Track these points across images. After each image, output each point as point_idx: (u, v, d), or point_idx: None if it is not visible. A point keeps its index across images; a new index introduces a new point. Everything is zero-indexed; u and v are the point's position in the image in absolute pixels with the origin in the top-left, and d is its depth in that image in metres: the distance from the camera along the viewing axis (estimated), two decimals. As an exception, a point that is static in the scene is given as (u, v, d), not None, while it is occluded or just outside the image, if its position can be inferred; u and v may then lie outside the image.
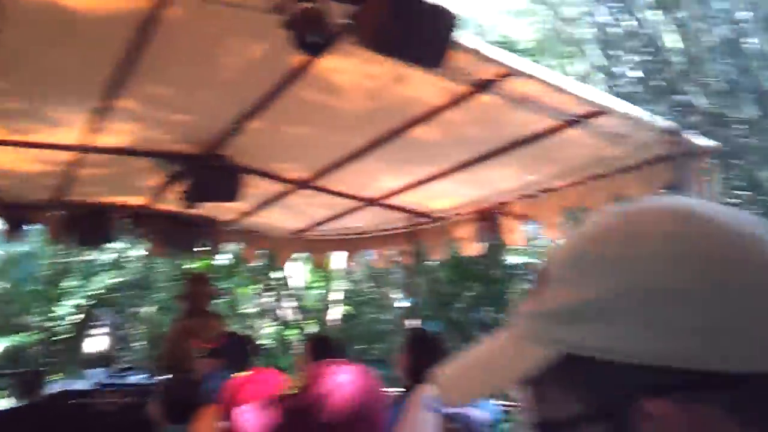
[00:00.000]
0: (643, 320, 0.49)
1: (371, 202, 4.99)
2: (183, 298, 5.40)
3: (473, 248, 5.11)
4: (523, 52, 11.17)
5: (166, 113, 3.75)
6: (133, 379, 5.56)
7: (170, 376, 4.42)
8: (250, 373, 2.39)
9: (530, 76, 2.97)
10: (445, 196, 4.74)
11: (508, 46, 11.21)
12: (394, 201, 4.94)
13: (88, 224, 5.10)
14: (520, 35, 11.47)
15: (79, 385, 5.32)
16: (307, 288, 12.49)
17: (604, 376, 0.51)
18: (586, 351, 0.51)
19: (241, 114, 3.65)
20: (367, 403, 1.55)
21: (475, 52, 2.81)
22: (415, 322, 5.62)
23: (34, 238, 10.98)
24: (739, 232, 0.51)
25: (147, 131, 3.94)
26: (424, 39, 2.58)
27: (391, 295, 5.67)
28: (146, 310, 14.06)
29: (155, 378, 4.95)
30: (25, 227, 4.98)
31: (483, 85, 3.07)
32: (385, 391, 1.93)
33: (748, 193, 7.57)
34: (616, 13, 9.22)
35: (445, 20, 2.60)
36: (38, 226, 5.34)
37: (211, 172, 4.19)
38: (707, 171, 3.33)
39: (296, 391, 1.58)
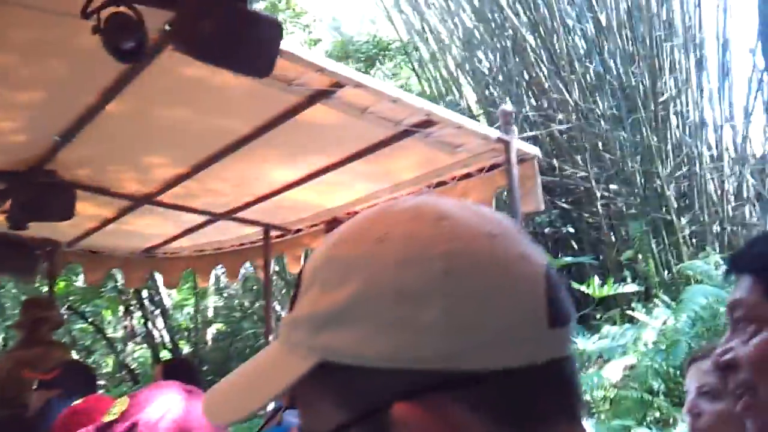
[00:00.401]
0: (383, 323, 0.49)
1: (220, 216, 4.86)
2: (19, 325, 4.99)
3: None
4: (389, 52, 11.41)
5: None
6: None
7: (2, 412, 4.08)
8: (81, 402, 2.22)
9: (363, 86, 3.02)
10: (294, 208, 4.72)
11: (375, 45, 11.42)
12: (245, 214, 4.85)
13: None
14: (387, 35, 11.65)
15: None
16: (177, 307, 12.02)
17: (358, 381, 0.50)
18: (337, 357, 0.50)
19: (68, 126, 3.45)
20: (186, 428, 1.46)
21: (305, 62, 2.81)
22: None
23: None
24: (478, 231, 0.52)
25: None
26: (250, 47, 2.54)
27: (275, 308, 5.53)
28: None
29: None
30: None
31: (315, 96, 3.07)
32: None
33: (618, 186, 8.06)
34: (478, 12, 9.49)
35: (271, 29, 2.58)
36: None
37: (38, 189, 3.90)
38: (531, 175, 3.53)
39: (113, 418, 1.46)
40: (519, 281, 0.51)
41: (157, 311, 11.50)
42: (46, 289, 7.80)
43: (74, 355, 10.89)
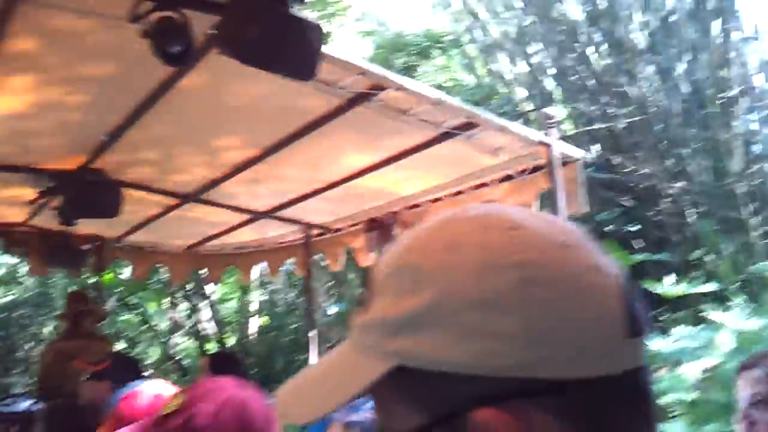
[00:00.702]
0: (462, 330, 0.50)
1: (262, 214, 4.94)
2: (63, 317, 5.17)
3: (368, 257, 5.16)
4: (441, 44, 11.30)
5: (34, 128, 3.60)
6: (22, 406, 5.31)
7: (54, 401, 4.23)
8: (139, 387, 2.25)
9: (404, 89, 3.03)
10: (335, 207, 4.76)
11: (427, 38, 11.34)
12: (286, 213, 4.91)
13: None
14: (440, 28, 11.53)
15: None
16: (222, 300, 12.17)
17: (436, 387, 0.51)
18: (416, 362, 0.51)
19: (116, 126, 3.54)
20: (253, 423, 1.49)
21: (347, 65, 2.84)
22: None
23: None
24: (551, 241, 0.53)
25: (15, 146, 3.77)
26: (294, 51, 2.58)
27: (318, 303, 5.61)
28: (45, 329, 13.34)
29: (39, 404, 4.73)
30: None
31: (356, 98, 3.10)
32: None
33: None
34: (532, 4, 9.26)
35: (314, 33, 2.62)
36: None
37: (87, 187, 4.02)
38: (574, 178, 3.49)
39: (173, 410, 1.50)
40: (594, 292, 0.51)
41: (203, 304, 11.66)
42: (93, 281, 8.04)
43: (120, 346, 11.18)
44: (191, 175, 4.31)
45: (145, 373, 3.87)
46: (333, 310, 9.67)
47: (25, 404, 5.31)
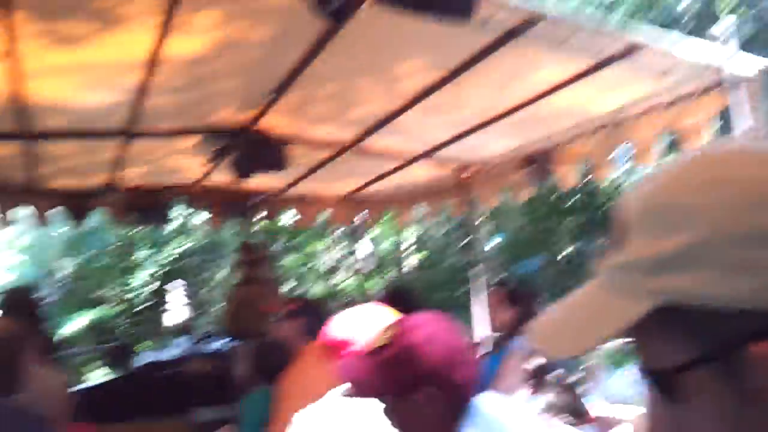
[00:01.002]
0: (735, 265, 0.50)
1: (419, 157, 5.03)
2: (241, 265, 5.62)
3: (526, 192, 5.14)
4: None
5: (205, 90, 3.83)
6: (215, 345, 5.91)
7: (250, 340, 4.62)
8: (348, 315, 2.40)
9: (562, 20, 2.94)
10: (494, 144, 4.74)
11: None
12: (443, 153, 4.96)
13: (145, 205, 5.36)
14: None
15: (166, 355, 5.70)
16: (380, 237, 12.56)
17: (705, 323, 0.52)
18: (684, 300, 0.52)
19: (279, 83, 3.68)
20: (458, 352, 1.60)
21: (501, 2, 2.80)
22: (505, 273, 5.71)
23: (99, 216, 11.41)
24: None
25: (189, 110, 4.05)
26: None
27: (476, 237, 5.73)
28: (216, 274, 14.53)
29: (234, 344, 5.24)
30: (88, 213, 5.29)
31: (514, 32, 3.05)
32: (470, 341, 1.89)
33: None
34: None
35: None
36: (100, 211, 5.61)
37: (255, 144, 4.31)
38: (750, 98, 3.23)
39: (385, 343, 1.63)
40: None
41: (361, 242, 12.11)
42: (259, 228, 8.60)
43: (287, 287, 11.98)
44: (356, 124, 4.44)
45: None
46: (491, 243, 9.70)
47: (217, 344, 5.90)
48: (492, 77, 3.53)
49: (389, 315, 2.13)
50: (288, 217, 9.39)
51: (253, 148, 4.28)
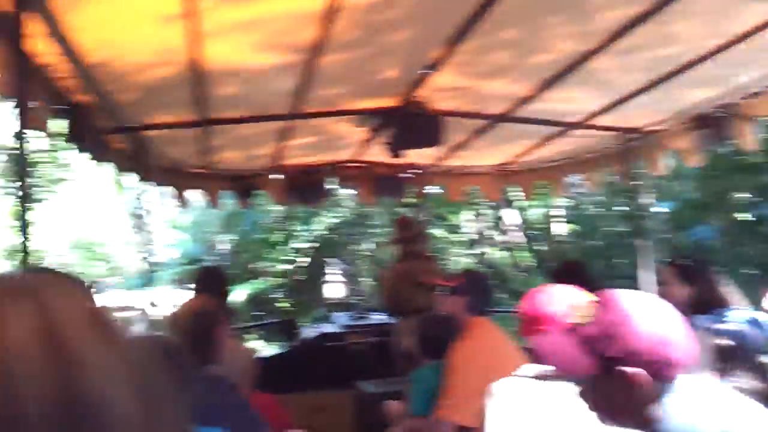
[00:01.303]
0: None
1: (575, 126, 4.88)
2: (398, 241, 5.73)
3: (695, 158, 4.84)
4: None
5: (350, 89, 4.04)
6: (376, 319, 6.12)
7: (412, 316, 4.73)
8: (548, 290, 2.39)
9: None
10: (658, 107, 4.50)
11: None
12: (600, 122, 4.79)
13: (304, 186, 5.62)
14: None
15: (330, 328, 5.99)
16: (526, 207, 12.35)
17: None
18: None
19: (432, 59, 3.66)
20: (665, 330, 1.56)
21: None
22: (675, 242, 5.43)
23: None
24: None
25: (348, 91, 4.16)
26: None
27: (640, 204, 5.52)
28: (366, 247, 14.96)
29: (394, 319, 5.41)
30: (252, 194, 5.65)
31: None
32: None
33: None
34: None
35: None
36: (261, 192, 5.95)
37: (411, 120, 4.35)
38: None
39: (589, 319, 1.61)
40: None
41: (508, 212, 11.96)
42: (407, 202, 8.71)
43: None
44: (504, 96, 4.39)
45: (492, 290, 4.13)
46: (658, 210, 9.21)
47: (378, 318, 6.09)
48: (702, 10, 3.09)
49: (580, 292, 2.11)
50: (436, 191, 9.48)
51: (409, 124, 4.32)
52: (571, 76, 3.82)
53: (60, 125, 3.31)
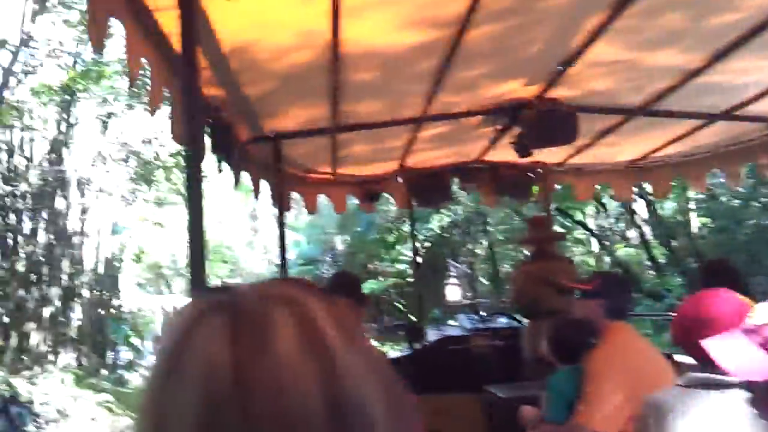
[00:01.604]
0: None
1: (718, 117, 4.65)
2: (529, 241, 5.67)
3: None
4: None
5: (492, 69, 3.90)
6: (500, 322, 6.10)
7: (542, 318, 4.68)
8: (715, 292, 2.33)
9: None
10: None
11: None
12: (747, 111, 4.53)
13: (428, 188, 5.70)
14: None
15: (453, 331, 6.04)
16: (656, 203, 11.85)
17: None
18: None
19: (569, 54, 3.62)
20: None
21: None
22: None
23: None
24: None
25: (475, 90, 4.11)
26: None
27: None
28: (484, 246, 14.87)
29: (524, 321, 5.37)
30: (376, 198, 5.79)
31: None
32: None
33: None
34: None
35: None
36: (385, 195, 6.09)
37: (545, 117, 4.28)
38: None
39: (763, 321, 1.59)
40: None
41: (638, 204, 11.42)
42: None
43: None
44: (643, 88, 4.25)
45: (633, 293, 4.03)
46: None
47: (502, 321, 6.08)
48: None
49: (738, 296, 2.03)
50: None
51: (541, 122, 4.28)
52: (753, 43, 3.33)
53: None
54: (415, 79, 3.82)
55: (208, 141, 3.49)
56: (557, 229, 5.79)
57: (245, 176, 4.37)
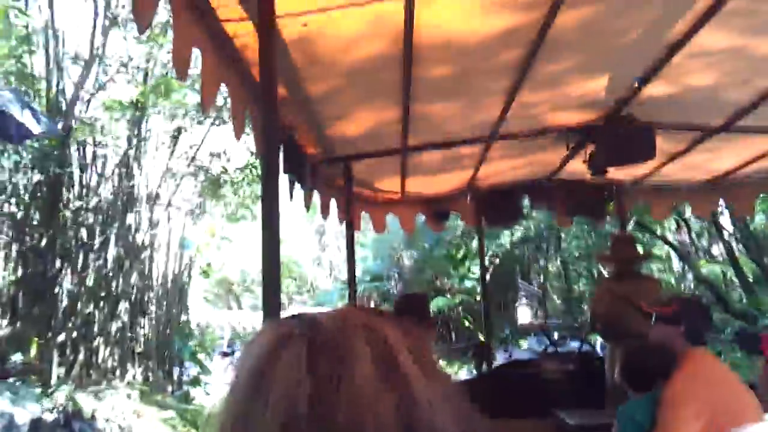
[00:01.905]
0: None
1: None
2: (611, 260, 5.60)
3: None
4: None
5: (565, 88, 3.91)
6: (572, 346, 6.06)
7: (622, 342, 4.59)
8: None
9: None
10: None
11: None
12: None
13: (497, 207, 5.74)
14: None
15: (523, 354, 6.04)
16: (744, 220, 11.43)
17: None
18: None
19: (646, 69, 3.61)
20: None
21: None
22: None
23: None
24: None
25: (558, 87, 3.97)
26: None
27: None
28: (552, 264, 14.67)
29: (593, 345, 5.33)
30: (445, 218, 5.88)
31: None
32: None
33: None
34: None
35: None
36: (453, 214, 6.16)
37: (621, 135, 4.25)
38: None
39: None
40: None
41: (724, 218, 11.03)
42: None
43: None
44: (720, 108, 4.21)
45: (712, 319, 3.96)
46: None
47: (571, 345, 6.04)
48: None
49: None
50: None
51: (617, 140, 4.27)
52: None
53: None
54: (494, 74, 3.56)
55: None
56: (641, 248, 5.70)
57: (315, 195, 4.52)
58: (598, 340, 6.02)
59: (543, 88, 3.83)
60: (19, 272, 10.08)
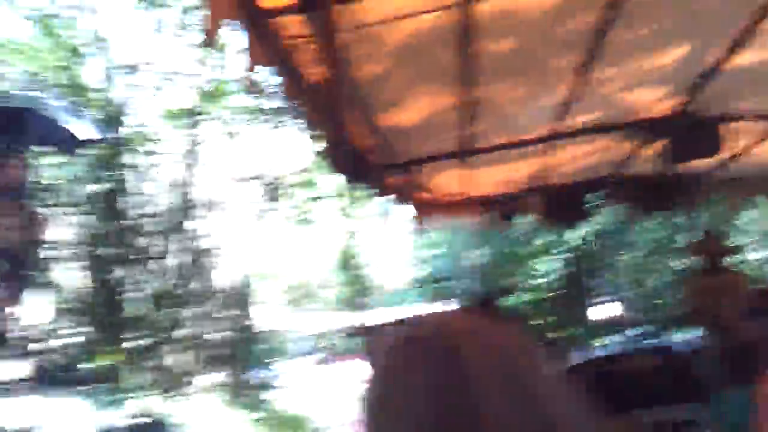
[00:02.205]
0: None
1: None
2: (698, 253, 5.66)
3: None
4: None
5: (633, 82, 3.90)
6: (657, 341, 6.01)
7: (727, 336, 4.51)
8: None
9: None
10: None
11: None
12: None
13: (564, 205, 5.77)
14: None
15: (606, 351, 6.01)
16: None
17: None
18: None
19: (714, 62, 3.58)
20: None
21: None
22: None
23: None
24: None
25: (635, 59, 3.72)
26: None
27: None
28: (626, 259, 14.40)
29: (672, 341, 5.30)
30: (514, 217, 5.94)
31: None
32: None
33: None
34: None
35: None
36: (522, 215, 6.21)
37: (690, 129, 4.29)
38: None
39: None
40: None
41: None
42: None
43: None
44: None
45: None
46: None
47: (653, 340, 5.95)
48: None
49: None
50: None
51: (684, 135, 4.28)
52: None
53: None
54: (563, 45, 3.23)
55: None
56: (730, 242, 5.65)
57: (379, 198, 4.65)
58: (677, 336, 5.95)
59: (620, 62, 3.49)
60: (89, 281, 10.40)
